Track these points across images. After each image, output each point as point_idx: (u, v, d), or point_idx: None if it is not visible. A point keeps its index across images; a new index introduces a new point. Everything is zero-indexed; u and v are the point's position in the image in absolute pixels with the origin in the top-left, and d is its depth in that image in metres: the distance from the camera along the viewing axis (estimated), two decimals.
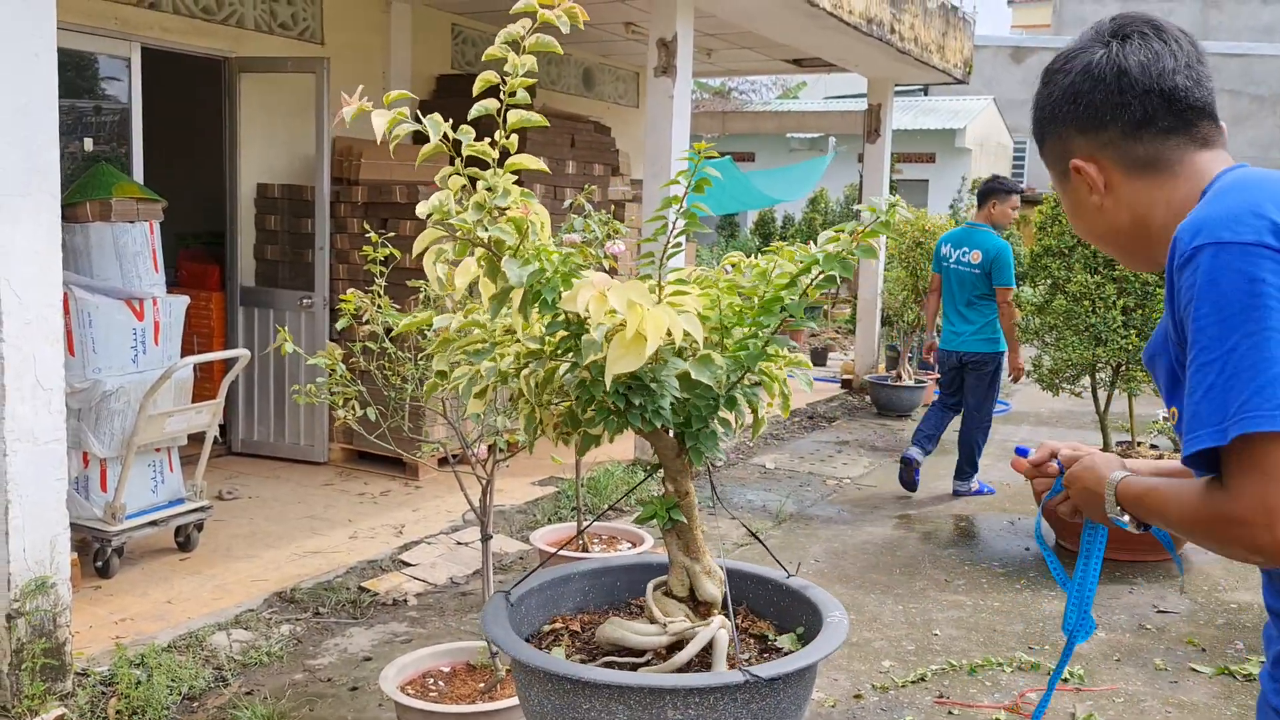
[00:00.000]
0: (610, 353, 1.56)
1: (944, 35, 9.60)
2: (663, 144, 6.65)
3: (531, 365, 1.76)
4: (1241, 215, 1.28)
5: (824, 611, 1.94)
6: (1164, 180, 1.46)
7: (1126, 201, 1.48)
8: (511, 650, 1.74)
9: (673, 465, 1.85)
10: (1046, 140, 1.56)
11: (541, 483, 6.50)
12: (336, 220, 6.65)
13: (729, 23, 8.09)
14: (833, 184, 18.33)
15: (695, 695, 1.67)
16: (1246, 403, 1.23)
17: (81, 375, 4.44)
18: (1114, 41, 1.49)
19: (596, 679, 1.66)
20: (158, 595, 4.49)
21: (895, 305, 10.00)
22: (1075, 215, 1.56)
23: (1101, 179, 1.47)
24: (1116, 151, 1.47)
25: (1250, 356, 1.23)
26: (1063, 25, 29.36)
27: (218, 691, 3.71)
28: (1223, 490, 1.30)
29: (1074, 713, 3.74)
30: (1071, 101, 1.49)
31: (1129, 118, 1.45)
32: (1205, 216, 1.31)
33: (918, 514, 6.33)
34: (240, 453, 6.86)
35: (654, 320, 1.55)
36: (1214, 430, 1.26)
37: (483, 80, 1.76)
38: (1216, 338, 1.26)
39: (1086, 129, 1.48)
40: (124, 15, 5.90)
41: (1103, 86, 1.47)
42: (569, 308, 1.61)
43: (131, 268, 4.70)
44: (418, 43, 7.87)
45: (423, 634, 4.26)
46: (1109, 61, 1.48)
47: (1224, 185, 1.39)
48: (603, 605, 2.11)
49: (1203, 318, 1.27)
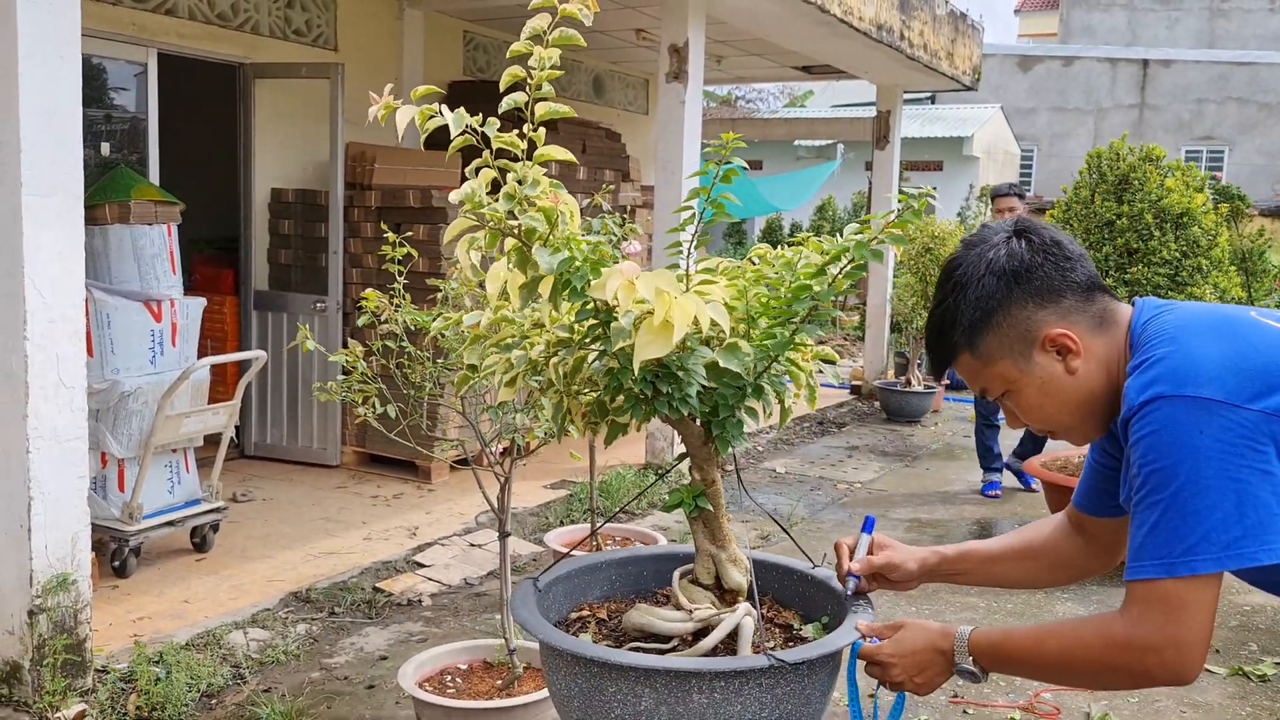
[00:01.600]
0: (638, 339, 1.59)
1: (953, 42, 9.64)
2: (674, 150, 6.69)
3: (560, 353, 1.78)
4: (1184, 369, 1.39)
5: (849, 602, 1.96)
6: (1112, 333, 1.55)
7: (1097, 361, 1.54)
8: (540, 633, 1.76)
9: (699, 453, 1.88)
10: (990, 333, 1.55)
11: (554, 486, 6.52)
12: (350, 225, 6.70)
13: (740, 29, 8.13)
14: (840, 192, 18.37)
15: (720, 679, 1.69)
16: (1192, 548, 1.35)
17: (100, 376, 4.48)
18: (1020, 235, 1.57)
19: (623, 661, 1.68)
20: (175, 595, 4.52)
21: (904, 311, 10.01)
22: (1045, 393, 1.55)
23: (1077, 344, 1.53)
24: (1080, 315, 1.54)
25: (1191, 504, 1.35)
26: (1069, 34, 29.41)
27: (236, 689, 3.74)
28: (1123, 619, 1.44)
29: (1089, 712, 3.75)
30: (1020, 281, 1.53)
31: (1077, 282, 1.54)
32: (1155, 375, 1.41)
33: (930, 518, 6.34)
34: (254, 456, 6.89)
35: (681, 308, 1.57)
36: (1159, 564, 1.38)
37: (509, 75, 1.79)
38: (1161, 484, 1.37)
39: (1046, 302, 1.53)
40: (141, 21, 5.96)
41: (1047, 260, 1.54)
42: (597, 295, 1.63)
43: (149, 270, 4.74)
44: (430, 49, 7.92)
45: (438, 633, 4.29)
46: (1038, 237, 1.56)
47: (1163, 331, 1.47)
48: (629, 594, 2.13)
49: (1150, 464, 1.38)
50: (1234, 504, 1.34)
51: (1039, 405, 1.57)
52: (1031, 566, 1.86)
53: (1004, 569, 1.89)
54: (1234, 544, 1.34)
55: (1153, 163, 5.57)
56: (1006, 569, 1.89)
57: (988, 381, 1.60)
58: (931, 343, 1.64)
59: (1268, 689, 4.00)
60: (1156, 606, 1.39)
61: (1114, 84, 26.04)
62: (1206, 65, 25.33)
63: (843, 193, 18.67)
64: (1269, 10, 27.87)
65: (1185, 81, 25.49)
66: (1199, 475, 1.34)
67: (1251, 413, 1.35)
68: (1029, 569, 1.87)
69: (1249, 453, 1.34)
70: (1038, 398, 1.56)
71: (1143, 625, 1.40)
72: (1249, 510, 1.34)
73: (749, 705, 1.72)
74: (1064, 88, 26.28)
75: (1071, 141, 25.19)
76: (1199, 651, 1.40)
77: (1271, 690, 3.99)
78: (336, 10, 7.16)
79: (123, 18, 5.86)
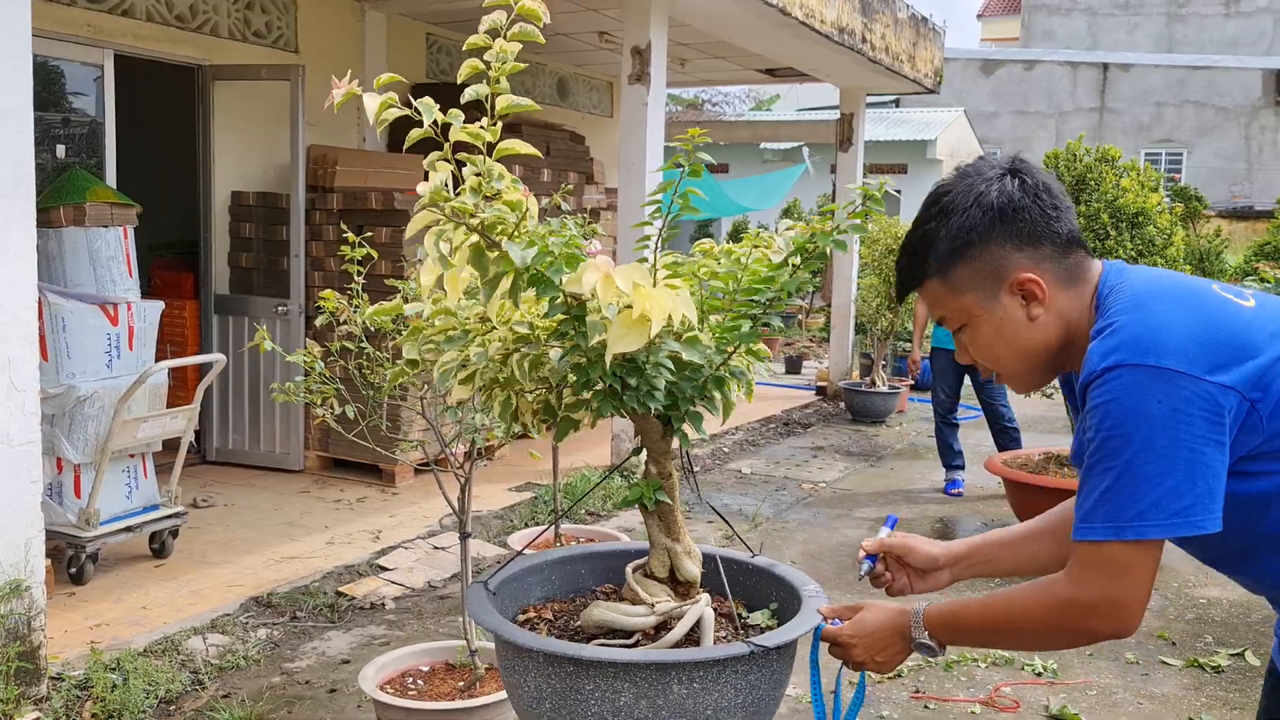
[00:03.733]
0: (612, 333, 1.59)
1: (914, 45, 9.72)
2: (637, 151, 6.70)
3: (523, 350, 1.77)
4: (1146, 338, 1.40)
5: (799, 587, 1.98)
6: (1082, 288, 1.56)
7: (1058, 312, 1.55)
8: (508, 635, 1.75)
9: (657, 447, 1.88)
10: (963, 265, 1.55)
11: (518, 488, 6.51)
12: (312, 227, 6.65)
13: (703, 32, 8.16)
14: (806, 194, 18.47)
15: (700, 669, 1.70)
16: (1142, 513, 1.38)
17: (55, 380, 4.42)
18: (1014, 175, 1.57)
19: (601, 658, 1.68)
20: (132, 601, 4.46)
21: (869, 313, 10.08)
22: (1000, 334, 1.56)
23: (1044, 293, 1.54)
24: (1052, 265, 1.54)
25: (1144, 470, 1.37)
26: (1031, 38, 29.76)
27: (195, 695, 3.70)
28: (1065, 580, 1.46)
29: (1048, 705, 3.78)
30: (1005, 219, 1.53)
31: (1059, 232, 1.54)
32: (1115, 341, 1.42)
33: None
34: (215, 461, 6.83)
35: (657, 302, 1.57)
36: (1109, 528, 1.40)
37: (469, 67, 1.78)
38: (1116, 450, 1.39)
39: (1024, 245, 1.53)
40: (97, 22, 5.89)
41: (1035, 204, 1.54)
42: (574, 289, 1.62)
43: (105, 272, 4.69)
44: (392, 51, 7.89)
45: (400, 636, 4.26)
46: (1032, 180, 1.56)
47: (1125, 298, 1.48)
48: (569, 593, 2.13)
49: (1106, 429, 1.40)
50: (1185, 472, 1.36)
51: (991, 344, 1.58)
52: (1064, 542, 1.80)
53: (1032, 549, 1.84)
54: (1184, 511, 1.36)
55: (1109, 163, 5.66)
56: (1035, 550, 1.84)
57: (949, 311, 1.60)
58: (903, 262, 1.63)
59: (1222, 680, 4.06)
60: (1101, 569, 1.41)
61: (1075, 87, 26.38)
62: (1165, 69, 25.71)
63: (808, 195, 18.75)
64: (1225, 15, 28.33)
65: (1144, 85, 25.84)
66: (1154, 443, 1.36)
67: (1210, 384, 1.37)
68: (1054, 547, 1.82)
69: (1204, 424, 1.36)
70: (992, 337, 1.57)
71: (1086, 586, 1.43)
72: (1200, 479, 1.36)
73: (725, 692, 1.74)
74: (1026, 91, 26.59)
75: (1034, 144, 25.46)
76: (1139, 609, 1.44)
77: (1225, 681, 4.05)
78: (297, 12, 7.11)
79: (77, 19, 5.79)
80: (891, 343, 10.23)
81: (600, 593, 2.12)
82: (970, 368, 6.72)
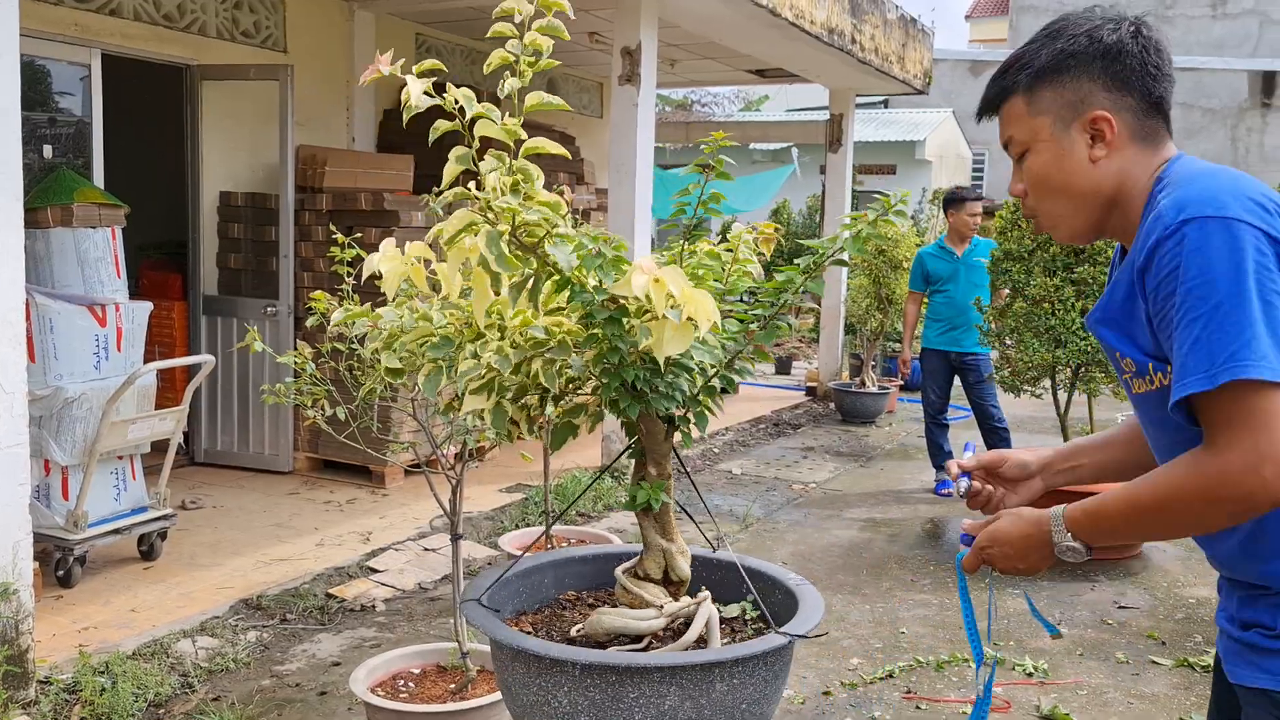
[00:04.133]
0: (660, 336, 1.58)
1: (904, 46, 9.74)
2: (627, 152, 6.69)
3: (547, 355, 1.73)
4: (1220, 195, 1.40)
5: (781, 579, 2.02)
6: (1149, 155, 1.57)
7: (1119, 165, 1.56)
8: (542, 650, 1.71)
9: (660, 448, 1.87)
10: (1051, 87, 1.57)
11: (509, 489, 6.49)
12: (301, 228, 6.62)
13: (693, 33, 8.16)
14: (795, 195, 18.47)
15: (740, 665, 1.72)
16: (1235, 354, 1.33)
17: (43, 382, 4.39)
18: (1134, 26, 1.58)
19: (649, 663, 1.68)
20: (121, 604, 4.44)
21: (858, 313, 10.09)
22: (1058, 166, 1.57)
23: (1112, 137, 1.55)
24: (1132, 117, 1.56)
25: (1234, 315, 1.34)
26: (1019, 39, 29.74)
27: (184, 698, 3.68)
28: (1209, 450, 1.39)
29: (1039, 705, 3.79)
30: (1109, 58, 1.55)
31: (1151, 91, 1.56)
32: (1186, 196, 1.42)
33: (883, 517, 6.38)
34: (203, 463, 6.79)
35: (702, 305, 1.57)
36: (1202, 377, 1.35)
37: (498, 57, 1.74)
38: (1202, 298, 1.36)
39: (1113, 88, 1.55)
40: (84, 22, 5.86)
41: (1142, 55, 1.55)
42: (622, 292, 1.60)
43: (93, 273, 4.66)
44: (381, 51, 7.82)
45: (391, 639, 4.25)
46: (1147, 35, 1.57)
47: (1188, 170, 1.51)
48: (535, 605, 2.13)
49: (1189, 280, 1.37)
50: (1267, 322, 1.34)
51: (1046, 176, 1.58)
52: (1141, 445, 1.79)
53: (1113, 454, 1.83)
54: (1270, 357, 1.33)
55: None
56: (1115, 455, 1.82)
57: (1018, 133, 1.61)
58: (996, 76, 1.64)
59: (1211, 680, 4.06)
60: (1241, 425, 1.35)
61: None
62: None
63: (797, 196, 18.76)
64: (1211, 17, 28.45)
65: None
66: (1241, 288, 1.35)
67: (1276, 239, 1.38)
68: (1140, 448, 1.80)
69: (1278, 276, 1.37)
70: (1050, 167, 1.58)
71: (1232, 449, 1.36)
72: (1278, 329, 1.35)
73: (758, 684, 1.77)
74: None
75: None
76: None
77: None
78: (285, 12, 7.09)
79: (65, 18, 5.75)
80: (881, 343, 10.23)
81: (564, 600, 2.11)
82: (961, 367, 6.82)
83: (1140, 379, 1.54)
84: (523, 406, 1.81)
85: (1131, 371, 1.54)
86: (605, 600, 2.17)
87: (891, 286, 9.46)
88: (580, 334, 1.73)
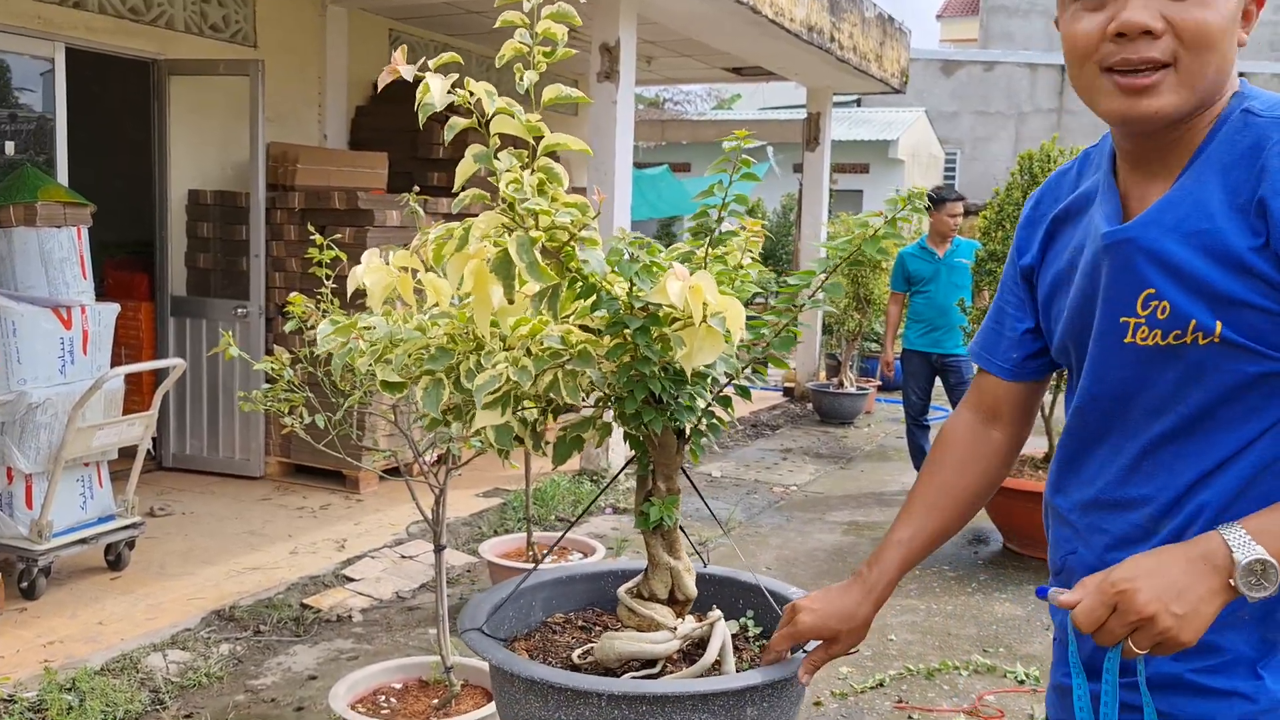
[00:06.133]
0: (693, 345, 1.50)
1: (881, 45, 9.70)
2: (606, 150, 6.59)
3: (569, 366, 1.63)
4: None
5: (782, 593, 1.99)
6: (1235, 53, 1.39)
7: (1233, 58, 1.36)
8: (565, 681, 1.61)
9: (670, 463, 1.79)
10: None
11: (486, 494, 6.38)
12: (272, 227, 6.47)
13: (671, 30, 8.07)
14: (769, 194, 18.44)
15: (770, 688, 1.69)
16: None
17: (5, 387, 4.24)
18: None
19: (681, 691, 1.62)
20: (88, 616, 4.29)
21: (836, 313, 10.05)
22: (1230, 27, 1.33)
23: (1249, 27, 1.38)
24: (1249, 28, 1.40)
25: None
26: (989, 39, 29.99)
27: (155, 715, 3.54)
28: None
29: (1032, 714, 3.73)
30: None
31: None
32: None
33: (866, 520, 6.33)
34: (172, 468, 6.63)
35: (734, 312, 1.49)
36: None
37: (512, 49, 1.63)
38: None
39: None
40: (47, 14, 5.69)
41: None
42: (657, 299, 1.52)
43: (58, 274, 4.50)
44: (354, 47, 7.72)
45: (369, 650, 4.13)
46: None
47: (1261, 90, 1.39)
48: (524, 630, 2.03)
49: None
50: None
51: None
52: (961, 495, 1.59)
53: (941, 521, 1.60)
54: None
55: None
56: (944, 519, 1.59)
57: None
58: None
59: None
60: None
61: (1034, 89, 26.61)
62: None
63: (771, 194, 18.72)
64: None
65: None
66: None
67: None
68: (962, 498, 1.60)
69: None
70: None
71: None
72: None
73: (784, 706, 1.74)
74: (986, 92, 26.77)
75: (994, 145, 25.68)
76: None
77: None
78: (255, 6, 6.93)
79: (27, 10, 5.58)
80: (859, 344, 10.20)
81: (554, 624, 2.02)
82: (942, 369, 6.77)
83: (1155, 329, 1.30)
84: (523, 420, 1.72)
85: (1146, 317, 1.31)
86: (595, 622, 2.08)
87: (870, 287, 9.42)
88: (597, 344, 1.63)
